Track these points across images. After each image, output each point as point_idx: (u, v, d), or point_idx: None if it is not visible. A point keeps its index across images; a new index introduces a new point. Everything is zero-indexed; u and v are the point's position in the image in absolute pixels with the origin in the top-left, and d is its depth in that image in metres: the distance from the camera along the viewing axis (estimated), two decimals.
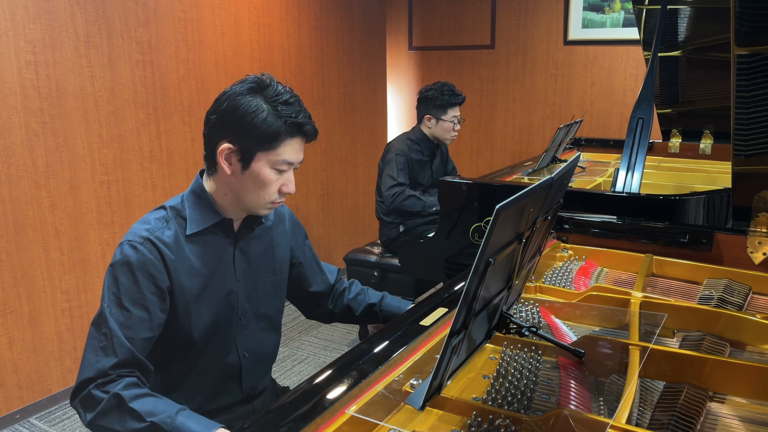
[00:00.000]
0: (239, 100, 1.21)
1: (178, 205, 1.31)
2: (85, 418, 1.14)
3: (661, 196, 1.99)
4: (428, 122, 3.00)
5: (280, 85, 1.25)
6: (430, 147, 3.08)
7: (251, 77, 1.25)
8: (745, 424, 0.95)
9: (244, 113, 1.20)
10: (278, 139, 1.22)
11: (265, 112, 1.20)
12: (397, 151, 2.97)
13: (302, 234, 1.54)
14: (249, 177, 1.24)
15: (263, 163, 1.23)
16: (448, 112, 2.95)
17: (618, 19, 4.03)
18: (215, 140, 1.25)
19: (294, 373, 3.04)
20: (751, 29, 1.15)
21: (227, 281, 1.34)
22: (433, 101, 2.95)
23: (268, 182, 1.25)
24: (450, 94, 2.93)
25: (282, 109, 1.21)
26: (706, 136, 3.17)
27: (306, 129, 1.25)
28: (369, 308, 1.55)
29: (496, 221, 0.81)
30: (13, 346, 2.57)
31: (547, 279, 1.51)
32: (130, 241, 1.23)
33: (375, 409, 0.94)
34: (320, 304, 1.58)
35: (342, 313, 1.58)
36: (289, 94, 1.24)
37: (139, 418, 1.10)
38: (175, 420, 1.09)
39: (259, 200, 1.27)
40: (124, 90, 2.83)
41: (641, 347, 1.07)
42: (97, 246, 2.80)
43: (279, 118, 1.21)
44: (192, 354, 1.33)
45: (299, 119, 1.22)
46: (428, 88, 2.98)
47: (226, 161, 1.25)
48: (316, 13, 3.92)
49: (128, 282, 1.21)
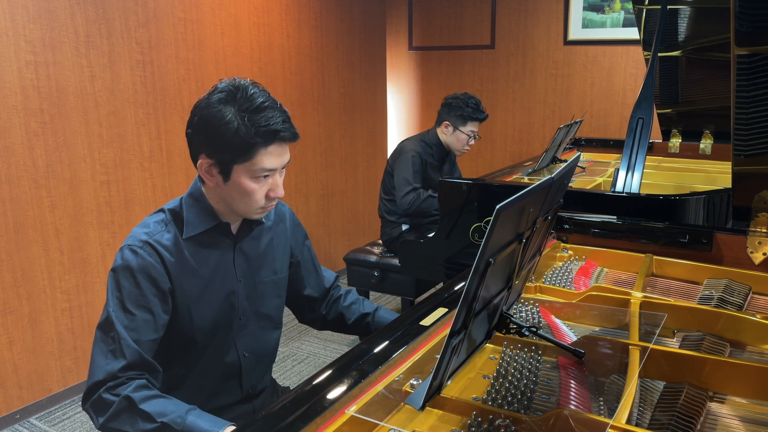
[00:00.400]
0: (209, 113, 1.18)
1: (176, 208, 1.31)
2: (97, 421, 1.15)
3: (661, 196, 1.99)
4: (446, 129, 3.02)
5: (252, 89, 1.20)
6: (441, 153, 3.11)
7: (222, 85, 1.20)
8: (745, 424, 0.95)
9: (215, 127, 1.17)
10: (252, 150, 1.18)
11: (236, 122, 1.16)
12: (412, 151, 2.98)
13: (302, 234, 1.53)
14: (232, 187, 1.23)
15: (242, 174, 1.21)
16: (467, 125, 2.97)
17: (618, 19, 4.03)
18: (194, 153, 1.25)
19: (294, 373, 3.04)
20: (751, 29, 1.15)
21: (228, 282, 1.34)
22: (456, 110, 2.96)
23: (251, 191, 1.22)
24: (474, 109, 2.95)
25: (252, 117, 1.17)
26: (706, 136, 3.17)
27: (281, 135, 1.19)
28: (362, 318, 1.53)
29: (496, 221, 0.81)
30: (13, 346, 2.57)
31: (547, 279, 1.51)
32: (130, 245, 1.24)
33: (375, 409, 0.94)
34: (313, 308, 1.57)
35: (335, 320, 1.57)
36: (262, 97, 1.19)
37: (150, 419, 1.11)
38: (185, 419, 1.10)
39: (248, 208, 1.26)
40: (124, 90, 2.83)
41: (641, 347, 1.07)
42: (97, 246, 2.81)
43: (250, 128, 1.16)
44: (193, 354, 1.33)
45: (272, 126, 1.17)
46: (455, 96, 3.00)
47: (207, 174, 1.24)
48: (316, 13, 3.92)
49: (130, 286, 1.21)
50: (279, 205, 1.48)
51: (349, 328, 1.56)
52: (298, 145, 3.90)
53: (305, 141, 3.97)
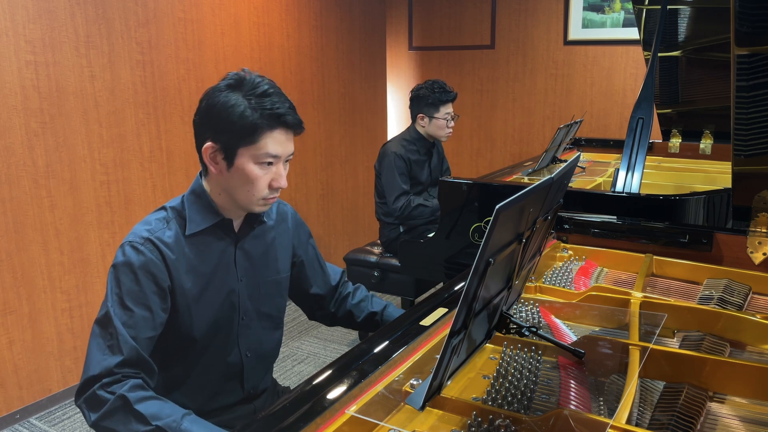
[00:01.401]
0: (217, 98, 1.21)
1: (178, 205, 1.31)
2: (90, 418, 1.13)
3: (661, 196, 1.99)
4: (421, 121, 3.00)
5: (258, 78, 1.23)
6: (426, 146, 3.08)
7: (230, 74, 1.24)
8: (745, 424, 0.95)
9: (221, 110, 1.20)
10: (257, 132, 1.20)
11: (242, 106, 1.19)
12: (393, 154, 2.96)
13: (305, 233, 1.53)
14: (235, 174, 1.24)
15: (246, 159, 1.22)
16: (440, 110, 2.94)
17: (618, 19, 4.03)
18: (200, 141, 1.26)
19: (294, 373, 3.04)
20: (751, 29, 1.15)
21: (229, 281, 1.34)
22: (425, 99, 2.94)
23: (254, 178, 1.23)
24: (441, 92, 2.92)
25: (259, 101, 1.20)
26: (706, 136, 3.17)
27: (286, 119, 1.22)
28: (371, 316, 1.54)
29: (496, 221, 0.81)
30: (13, 346, 2.57)
31: (547, 279, 1.51)
32: (131, 242, 1.24)
33: (375, 409, 0.94)
34: (322, 306, 1.57)
35: (344, 318, 1.57)
36: (267, 85, 1.22)
37: (144, 420, 1.09)
38: (180, 425, 1.09)
39: (249, 197, 1.26)
40: (124, 90, 2.83)
41: (641, 347, 1.07)
42: (97, 246, 2.80)
43: (256, 111, 1.19)
44: (194, 353, 1.33)
45: (277, 110, 1.20)
46: (419, 87, 2.98)
47: (212, 160, 1.25)
48: (316, 13, 3.92)
49: (130, 282, 1.21)
50: (281, 204, 1.48)
51: (358, 325, 1.57)
52: (299, 145, 3.90)
53: (305, 141, 3.97)
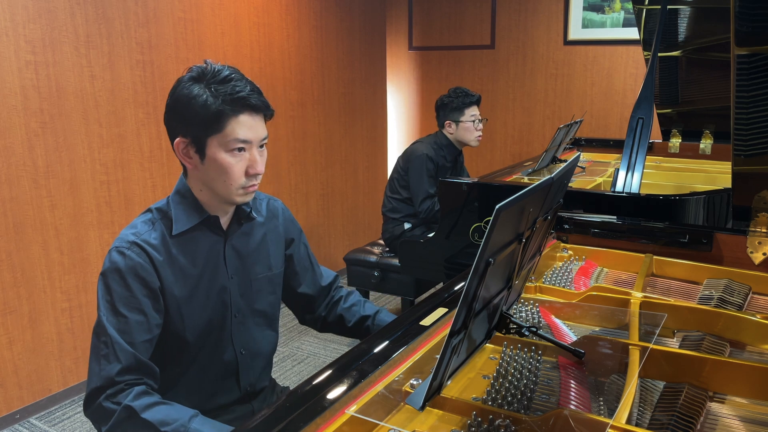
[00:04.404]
0: (180, 92, 1.21)
1: (163, 206, 1.31)
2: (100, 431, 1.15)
3: (661, 196, 1.99)
4: (449, 128, 3.07)
5: (219, 66, 1.22)
6: (453, 153, 3.14)
7: (193, 67, 1.23)
8: (745, 424, 0.95)
9: (185, 102, 1.20)
10: (222, 119, 1.19)
11: (205, 95, 1.19)
12: (425, 156, 3.00)
13: (296, 230, 1.51)
14: (209, 166, 1.23)
15: (216, 148, 1.21)
16: (465, 113, 3.01)
17: (618, 19, 4.03)
18: (172, 137, 1.26)
19: (294, 373, 3.04)
20: (751, 29, 1.15)
21: (219, 279, 1.33)
22: (449, 105, 3.02)
23: (227, 166, 1.22)
24: (463, 95, 3.01)
25: (220, 87, 1.19)
26: (706, 136, 3.17)
27: (250, 101, 1.20)
28: (362, 321, 1.51)
29: (496, 221, 0.81)
30: (13, 346, 2.57)
31: (547, 279, 1.51)
32: (117, 247, 1.23)
33: (375, 409, 0.94)
34: (312, 308, 1.55)
35: (334, 323, 1.54)
36: (228, 71, 1.22)
37: (153, 428, 1.09)
38: (188, 427, 1.09)
39: (227, 187, 1.25)
40: (124, 90, 2.83)
41: (641, 347, 1.07)
42: (97, 246, 2.80)
43: (218, 98, 1.19)
44: (188, 353, 1.32)
45: (239, 94, 1.19)
46: (443, 96, 3.06)
47: (185, 155, 1.25)
48: (316, 13, 3.92)
49: (120, 288, 1.20)
50: (272, 200, 1.48)
51: (349, 331, 1.54)
52: (299, 145, 3.90)
53: (305, 141, 3.97)
